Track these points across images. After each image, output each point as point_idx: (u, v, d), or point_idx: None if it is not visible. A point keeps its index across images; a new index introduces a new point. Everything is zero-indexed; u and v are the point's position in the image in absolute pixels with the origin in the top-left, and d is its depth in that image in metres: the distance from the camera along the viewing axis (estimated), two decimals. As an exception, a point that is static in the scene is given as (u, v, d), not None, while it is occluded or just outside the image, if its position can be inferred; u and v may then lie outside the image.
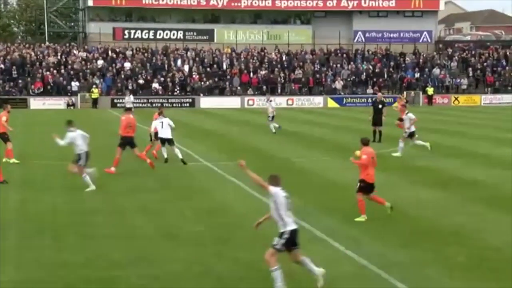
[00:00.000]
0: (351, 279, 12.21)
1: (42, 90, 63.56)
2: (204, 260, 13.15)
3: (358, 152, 16.43)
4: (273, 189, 11.48)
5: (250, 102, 64.83)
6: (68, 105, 61.83)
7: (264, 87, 68.28)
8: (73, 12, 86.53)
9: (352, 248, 13.89)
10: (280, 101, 65.98)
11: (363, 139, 16.79)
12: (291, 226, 11.37)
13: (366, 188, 16.43)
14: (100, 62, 68.71)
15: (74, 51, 71.11)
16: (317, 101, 67.26)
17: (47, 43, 74.26)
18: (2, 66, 65.59)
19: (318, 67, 72.58)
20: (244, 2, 77.14)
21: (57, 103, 62.02)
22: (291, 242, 11.36)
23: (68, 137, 20.16)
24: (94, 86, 63.52)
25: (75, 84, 64.39)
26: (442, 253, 13.71)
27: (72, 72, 66.35)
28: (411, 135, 28.20)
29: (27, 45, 73.42)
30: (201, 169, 24.77)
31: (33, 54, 68.95)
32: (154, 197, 19.22)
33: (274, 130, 37.14)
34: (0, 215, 16.61)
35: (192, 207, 18.00)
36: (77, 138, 20.14)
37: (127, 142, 23.30)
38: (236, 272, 12.35)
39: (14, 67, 65.38)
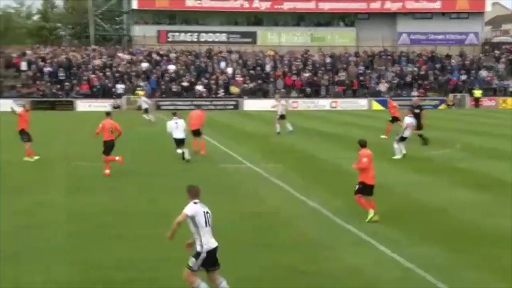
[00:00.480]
0: (397, 282, 12.05)
1: (88, 92, 64.43)
2: (244, 263, 13.05)
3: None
4: (189, 210, 10.59)
5: (294, 105, 64.72)
6: (114, 107, 62.43)
7: (308, 90, 68.18)
8: (117, 15, 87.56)
9: (398, 250, 13.71)
10: (324, 104, 65.94)
11: (360, 141, 16.68)
12: (210, 245, 10.48)
13: (365, 189, 16.31)
14: (145, 65, 69.35)
15: (119, 54, 71.92)
16: (362, 103, 66.86)
17: (92, 46, 75.27)
18: (50, 68, 66.65)
19: (362, 69, 72.15)
20: (287, 5, 77.10)
21: (103, 105, 62.66)
22: (209, 262, 10.51)
23: None
24: (139, 88, 64.10)
25: (120, 87, 65.10)
26: (488, 255, 13.47)
27: (117, 75, 67.11)
28: (403, 139, 27.76)
29: (73, 48, 74.49)
30: (243, 170, 24.77)
31: (79, 56, 69.95)
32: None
33: (278, 130, 37.18)
34: (46, 216, 16.85)
35: (233, 208, 17.94)
36: None
37: (110, 146, 23.37)
38: (277, 276, 12.24)
39: (60, 69, 66.40)
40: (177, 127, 25.86)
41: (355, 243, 14.54)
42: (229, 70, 69.90)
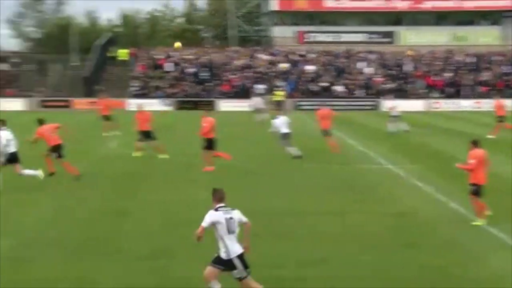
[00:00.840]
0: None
1: (229, 92, 65.94)
2: (388, 264, 12.87)
3: None
4: (206, 222, 10.43)
5: (436, 105, 63.32)
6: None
7: (450, 90, 66.48)
8: (257, 16, 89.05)
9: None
10: (466, 104, 64.08)
11: (473, 140, 16.16)
12: (235, 253, 10.37)
13: (480, 190, 15.76)
14: (284, 65, 70.10)
15: (259, 55, 73.09)
16: (508, 104, 64.19)
17: (233, 46, 76.94)
18: (194, 69, 68.82)
19: (509, 69, 69.48)
20: (427, 3, 75.49)
21: (243, 105, 63.75)
22: (236, 267, 10.40)
23: None
24: (278, 88, 64.76)
25: (259, 87, 66.05)
26: None
27: (256, 75, 68.23)
28: None
29: (215, 49, 76.54)
30: (381, 170, 24.59)
31: (221, 57, 71.76)
32: (337, 198, 19.23)
33: (406, 128, 37.93)
34: (188, 214, 17.38)
35: (371, 208, 17.86)
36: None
37: (210, 144, 24.32)
38: (423, 279, 12.07)
39: (203, 70, 68.42)
40: (282, 123, 27.07)
41: (500, 247, 14.10)
42: (368, 70, 69.36)
